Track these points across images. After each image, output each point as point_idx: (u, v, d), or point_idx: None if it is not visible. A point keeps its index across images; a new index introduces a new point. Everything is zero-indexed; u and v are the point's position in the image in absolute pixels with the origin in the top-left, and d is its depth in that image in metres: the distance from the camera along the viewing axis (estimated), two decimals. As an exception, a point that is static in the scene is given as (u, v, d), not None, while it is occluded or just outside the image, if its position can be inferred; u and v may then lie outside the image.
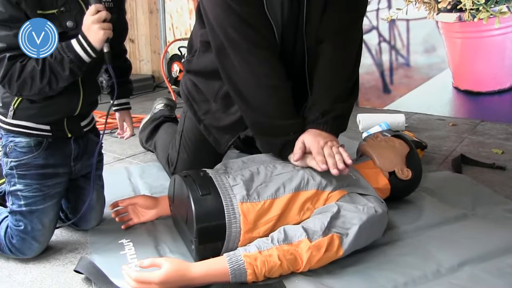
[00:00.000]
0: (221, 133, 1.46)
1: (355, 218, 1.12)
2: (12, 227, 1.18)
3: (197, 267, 1.03)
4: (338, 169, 1.17)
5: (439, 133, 2.30)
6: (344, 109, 1.37)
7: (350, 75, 1.39)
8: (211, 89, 1.45)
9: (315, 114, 1.31)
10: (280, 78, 1.32)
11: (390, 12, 2.70)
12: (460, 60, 2.55)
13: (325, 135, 1.27)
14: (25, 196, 1.17)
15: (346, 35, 1.36)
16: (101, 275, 1.08)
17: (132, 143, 2.17)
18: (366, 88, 2.85)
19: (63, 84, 1.11)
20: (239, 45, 1.29)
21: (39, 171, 1.18)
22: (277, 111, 1.31)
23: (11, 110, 1.15)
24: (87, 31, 1.09)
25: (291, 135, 1.29)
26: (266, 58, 1.31)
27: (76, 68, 1.10)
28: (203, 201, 1.12)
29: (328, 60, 1.35)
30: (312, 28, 1.33)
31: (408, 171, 1.38)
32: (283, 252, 1.05)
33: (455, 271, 1.10)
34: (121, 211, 1.35)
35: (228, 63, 1.32)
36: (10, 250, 1.17)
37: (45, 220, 1.19)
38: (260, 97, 1.31)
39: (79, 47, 1.09)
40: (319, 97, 1.34)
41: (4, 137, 1.19)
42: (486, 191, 1.55)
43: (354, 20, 1.39)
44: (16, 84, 1.07)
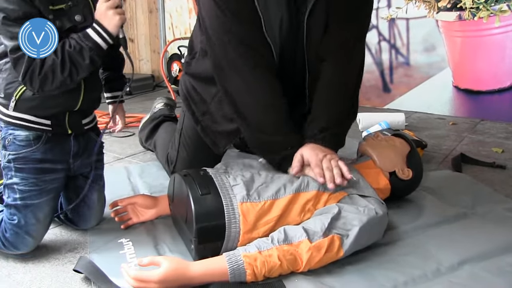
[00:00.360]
0: (218, 136, 1.47)
1: (356, 220, 1.12)
2: (6, 221, 1.17)
3: (196, 266, 1.03)
4: (335, 183, 1.17)
5: (439, 132, 2.30)
6: (343, 127, 1.38)
7: (350, 96, 1.39)
8: (209, 93, 1.45)
9: (313, 130, 1.32)
10: (277, 97, 1.32)
11: (389, 11, 2.70)
12: (460, 59, 2.55)
13: (323, 149, 1.27)
14: (21, 189, 1.17)
15: (348, 54, 1.36)
16: (101, 275, 1.07)
17: (131, 142, 2.17)
18: (366, 87, 2.84)
19: (83, 74, 1.13)
20: (237, 64, 1.29)
21: (36, 165, 1.18)
22: (274, 128, 1.32)
23: (13, 101, 1.15)
24: (102, 18, 1.12)
25: (289, 149, 1.29)
26: (264, 77, 1.31)
27: (96, 56, 1.12)
28: (202, 200, 1.12)
29: (329, 79, 1.35)
30: (313, 45, 1.33)
31: (408, 171, 1.37)
32: (283, 252, 1.05)
33: (455, 270, 1.10)
34: (120, 211, 1.35)
35: (225, 80, 1.33)
36: (3, 244, 1.17)
37: (40, 215, 1.18)
38: (258, 115, 1.32)
39: (95, 34, 1.11)
40: (318, 115, 1.34)
41: (4, 130, 1.19)
42: (486, 190, 1.55)
43: (357, 39, 1.39)
44: (38, 80, 1.08)
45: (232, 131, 1.42)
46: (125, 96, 2.04)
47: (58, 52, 1.09)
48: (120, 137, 2.26)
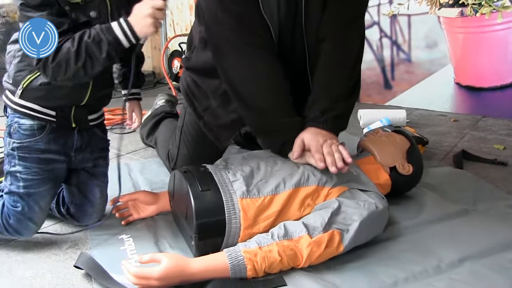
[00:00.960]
0: (220, 129, 1.46)
1: (356, 214, 1.12)
2: (9, 207, 1.19)
3: (197, 263, 1.03)
4: (336, 167, 1.17)
5: (440, 128, 2.30)
6: (345, 108, 1.36)
7: (351, 74, 1.38)
8: (210, 87, 1.45)
9: (314, 112, 1.30)
10: (278, 77, 1.31)
11: (391, 7, 2.69)
12: (462, 55, 2.54)
13: (324, 133, 1.26)
14: (24, 178, 1.19)
15: (347, 33, 1.35)
16: (101, 271, 1.08)
17: (132, 139, 2.17)
18: (367, 84, 2.84)
19: (98, 68, 1.10)
20: (236, 45, 1.29)
21: (39, 155, 1.19)
22: (275, 110, 1.31)
23: (20, 89, 1.15)
24: (136, 19, 1.08)
25: (290, 133, 1.28)
26: (263, 57, 1.30)
27: (113, 51, 1.08)
28: (202, 196, 1.12)
29: (329, 58, 1.34)
30: (312, 26, 1.32)
31: (409, 166, 1.37)
32: (283, 247, 1.05)
33: (456, 267, 1.10)
34: (121, 207, 1.35)
35: (225, 63, 1.32)
36: (6, 229, 1.19)
37: (42, 202, 1.21)
38: (258, 97, 1.31)
39: (119, 30, 1.08)
40: (319, 96, 1.33)
41: (10, 116, 1.20)
42: (487, 187, 1.55)
43: (355, 17, 1.38)
44: (51, 68, 1.07)
45: (234, 121, 1.41)
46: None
47: (75, 41, 1.06)
48: (121, 133, 2.26)
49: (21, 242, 1.26)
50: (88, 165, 1.30)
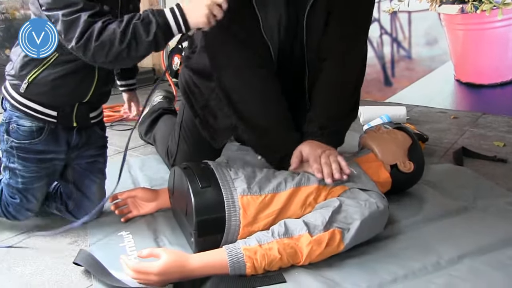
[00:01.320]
0: (216, 132, 1.46)
1: (357, 213, 1.11)
2: (8, 198, 1.24)
3: (196, 259, 1.03)
4: (333, 178, 1.17)
5: (440, 125, 2.29)
6: (343, 125, 1.38)
7: (351, 94, 1.39)
8: (208, 89, 1.45)
9: (312, 129, 1.31)
10: (276, 96, 1.32)
11: (391, 4, 2.68)
12: (462, 52, 2.53)
13: (322, 145, 1.27)
14: (23, 175, 1.21)
15: (348, 53, 1.35)
16: (100, 268, 1.07)
17: (132, 135, 2.16)
18: (367, 81, 2.81)
19: (142, 51, 1.05)
20: (235, 64, 1.29)
21: (37, 156, 1.21)
22: (273, 128, 1.32)
23: (25, 83, 1.14)
24: (192, 8, 1.06)
25: (288, 149, 1.29)
26: (262, 76, 1.31)
27: (161, 35, 1.04)
28: (203, 193, 1.12)
29: (329, 78, 1.34)
30: (313, 46, 1.32)
31: (410, 164, 1.37)
32: (283, 245, 1.04)
33: (455, 264, 1.10)
34: (120, 204, 1.35)
35: (224, 79, 1.33)
36: (5, 215, 1.27)
37: (39, 195, 1.26)
38: (256, 115, 1.32)
39: (170, 15, 1.05)
40: (317, 114, 1.34)
41: (9, 113, 1.20)
42: (487, 184, 1.55)
43: (357, 38, 1.38)
44: (93, 47, 1.02)
45: (230, 127, 1.41)
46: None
47: (122, 22, 1.03)
48: (120, 130, 2.25)
49: (20, 239, 1.26)
50: (84, 161, 1.30)
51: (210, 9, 1.06)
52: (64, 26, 1.03)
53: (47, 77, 1.14)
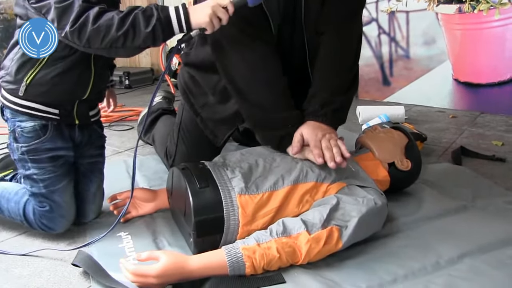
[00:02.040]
0: (218, 125, 1.46)
1: (355, 211, 1.11)
2: (38, 209, 1.21)
3: (195, 260, 1.02)
4: (335, 162, 1.16)
5: (439, 125, 2.30)
6: (344, 101, 1.36)
7: (350, 67, 1.38)
8: (209, 82, 1.44)
9: (314, 106, 1.31)
10: (277, 71, 1.31)
11: (389, 3, 2.68)
12: (460, 52, 2.54)
13: (323, 127, 1.26)
14: (42, 178, 1.20)
15: (346, 26, 1.35)
16: (99, 269, 1.07)
17: (130, 136, 2.17)
18: (365, 80, 2.84)
19: (138, 43, 1.04)
20: (235, 39, 1.28)
21: (49, 154, 1.20)
22: (274, 104, 1.31)
23: (23, 86, 1.14)
24: (196, 8, 1.06)
25: (289, 127, 1.28)
26: (263, 51, 1.30)
27: (160, 30, 1.03)
28: (201, 193, 1.12)
29: (328, 52, 1.34)
30: (311, 20, 1.32)
31: (407, 162, 1.37)
32: (282, 244, 1.04)
33: (455, 263, 1.10)
34: (119, 204, 1.34)
35: (224, 57, 1.32)
36: (42, 228, 1.23)
37: (66, 197, 1.23)
38: (257, 91, 1.31)
39: (173, 12, 1.05)
40: (318, 89, 1.33)
41: (11, 121, 1.20)
42: (486, 183, 1.55)
43: (354, 12, 1.39)
44: (88, 31, 1.01)
45: (231, 116, 1.41)
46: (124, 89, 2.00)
47: (124, 11, 1.02)
48: (119, 130, 2.25)
49: (19, 240, 1.25)
50: (86, 161, 1.30)
51: (214, 10, 1.06)
52: (57, 12, 1.02)
53: (45, 77, 1.14)
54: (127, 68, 3.54)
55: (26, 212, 1.23)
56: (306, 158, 1.24)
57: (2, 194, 1.27)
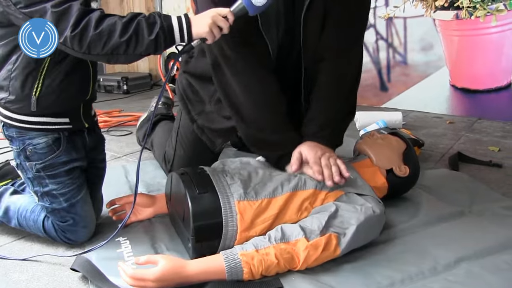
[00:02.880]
0: (214, 134, 1.47)
1: (353, 218, 1.12)
2: (61, 225, 1.20)
3: (194, 265, 1.03)
4: (333, 181, 1.18)
5: (436, 130, 2.31)
6: (342, 125, 1.40)
7: (349, 93, 1.40)
8: (207, 92, 1.45)
9: (313, 128, 1.33)
10: (274, 94, 1.32)
11: (387, 9, 2.70)
12: (457, 58, 2.55)
13: (322, 147, 1.28)
14: (61, 193, 1.19)
15: (346, 54, 1.36)
16: (98, 273, 1.07)
17: (129, 141, 2.17)
18: (363, 86, 2.84)
19: (140, 50, 1.02)
20: (234, 62, 1.29)
21: (65, 167, 1.19)
22: (271, 126, 1.32)
23: (34, 101, 1.12)
24: (197, 17, 1.06)
25: (287, 148, 1.29)
26: (261, 75, 1.31)
27: (162, 38, 1.02)
28: (200, 199, 1.12)
29: (327, 78, 1.35)
30: (310, 44, 1.33)
31: (406, 168, 1.38)
32: (280, 251, 1.05)
33: (452, 268, 1.10)
34: (118, 209, 1.35)
35: (223, 78, 1.33)
36: (63, 240, 1.22)
37: (86, 206, 1.23)
38: (254, 112, 1.32)
39: (176, 22, 1.05)
40: (317, 114, 1.35)
41: (18, 141, 1.17)
42: (483, 189, 1.56)
43: (355, 37, 1.39)
44: (90, 35, 0.98)
45: (228, 129, 1.42)
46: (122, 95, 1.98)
47: (126, 17, 1.01)
48: (117, 136, 2.26)
49: (18, 245, 1.26)
50: (94, 166, 1.31)
51: (214, 20, 1.06)
52: (55, 17, 0.99)
53: (52, 84, 1.13)
54: (125, 73, 3.55)
55: (46, 230, 1.22)
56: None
57: (19, 212, 1.25)
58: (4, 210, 1.27)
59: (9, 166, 1.46)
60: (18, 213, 1.25)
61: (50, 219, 1.21)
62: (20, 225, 1.26)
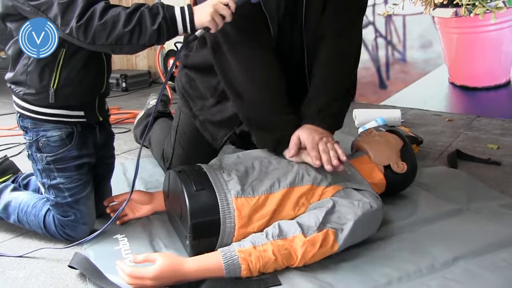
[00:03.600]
0: (216, 128, 1.46)
1: (350, 214, 1.12)
2: (62, 219, 1.21)
3: (191, 262, 1.03)
4: (332, 165, 1.17)
5: (435, 128, 2.31)
6: (341, 107, 1.38)
7: (349, 73, 1.40)
8: (209, 85, 1.45)
9: (311, 110, 1.31)
10: (275, 75, 1.32)
11: (386, 7, 2.69)
12: (456, 55, 2.55)
13: (320, 131, 1.27)
14: (68, 187, 1.20)
15: (346, 33, 1.36)
16: (96, 271, 1.07)
17: (127, 138, 2.17)
18: (362, 84, 2.84)
19: (143, 40, 1.04)
20: (234, 40, 1.28)
21: (75, 162, 1.20)
22: (271, 106, 1.31)
23: (52, 93, 1.14)
24: (199, 7, 1.07)
25: (285, 130, 1.28)
26: (262, 53, 1.30)
27: (165, 28, 1.04)
28: (197, 196, 1.12)
29: (328, 58, 1.35)
30: (311, 24, 1.33)
31: (403, 164, 1.38)
32: (277, 247, 1.05)
33: (450, 266, 1.10)
34: (116, 207, 1.35)
35: (223, 59, 1.32)
36: (62, 236, 1.22)
37: (89, 203, 1.24)
38: (255, 93, 1.31)
39: (179, 12, 1.06)
40: (316, 94, 1.34)
41: (33, 132, 1.19)
42: (481, 186, 1.56)
43: (354, 18, 1.39)
44: (95, 25, 1.00)
45: (230, 118, 1.41)
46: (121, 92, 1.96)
47: (129, 8, 1.03)
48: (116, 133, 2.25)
49: (15, 242, 1.26)
50: (103, 162, 1.33)
51: (216, 8, 1.07)
52: (61, 8, 1.01)
53: (69, 76, 1.14)
54: (124, 71, 3.54)
55: (46, 225, 1.22)
56: (302, 161, 1.25)
57: (20, 207, 1.26)
58: (4, 206, 1.27)
59: (8, 161, 1.46)
60: (19, 208, 1.25)
61: (51, 215, 1.22)
62: (20, 221, 1.26)
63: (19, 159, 1.68)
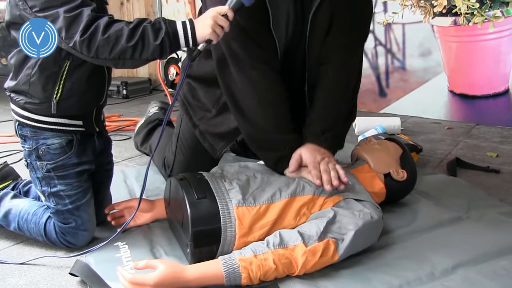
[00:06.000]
0: (216, 139, 1.47)
1: (351, 224, 1.12)
2: (63, 226, 1.21)
3: (192, 270, 1.03)
4: (332, 185, 1.19)
5: (434, 136, 2.31)
6: (342, 129, 1.41)
7: (350, 97, 1.42)
8: (212, 96, 1.45)
9: (314, 130, 1.33)
10: (279, 94, 1.33)
11: (386, 16, 2.71)
12: (455, 64, 2.56)
13: (322, 151, 1.29)
14: (69, 195, 1.20)
15: (349, 59, 1.38)
16: (97, 278, 1.07)
17: (128, 146, 2.17)
18: (362, 92, 2.81)
19: (146, 55, 1.05)
20: (241, 58, 1.29)
21: (76, 169, 1.21)
22: (274, 125, 1.32)
23: (54, 104, 1.15)
24: (199, 20, 1.09)
25: (286, 150, 1.30)
26: (267, 73, 1.32)
27: (168, 43, 1.05)
28: (198, 204, 1.13)
29: (330, 81, 1.36)
30: (314, 46, 1.34)
31: (403, 172, 1.38)
32: (278, 256, 1.05)
33: (449, 274, 1.11)
34: (116, 214, 1.35)
35: (227, 75, 1.33)
36: (63, 243, 1.22)
37: (90, 210, 1.24)
38: (258, 111, 1.32)
39: (181, 27, 1.07)
40: (318, 117, 1.36)
41: (32, 140, 1.19)
42: (480, 194, 1.56)
43: (357, 44, 1.41)
44: (98, 40, 1.02)
45: (230, 132, 1.42)
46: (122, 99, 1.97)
47: (132, 23, 1.04)
48: (117, 140, 2.26)
49: (15, 249, 1.26)
50: (102, 169, 1.33)
51: (215, 20, 1.08)
52: (66, 22, 1.02)
53: (73, 87, 1.15)
54: (124, 78, 3.55)
55: (47, 232, 1.23)
56: (302, 178, 1.26)
57: (20, 215, 1.26)
58: (4, 214, 1.27)
59: (7, 167, 1.46)
60: (19, 216, 1.26)
61: (52, 222, 1.22)
62: (20, 228, 1.26)
63: (19, 165, 1.68)
